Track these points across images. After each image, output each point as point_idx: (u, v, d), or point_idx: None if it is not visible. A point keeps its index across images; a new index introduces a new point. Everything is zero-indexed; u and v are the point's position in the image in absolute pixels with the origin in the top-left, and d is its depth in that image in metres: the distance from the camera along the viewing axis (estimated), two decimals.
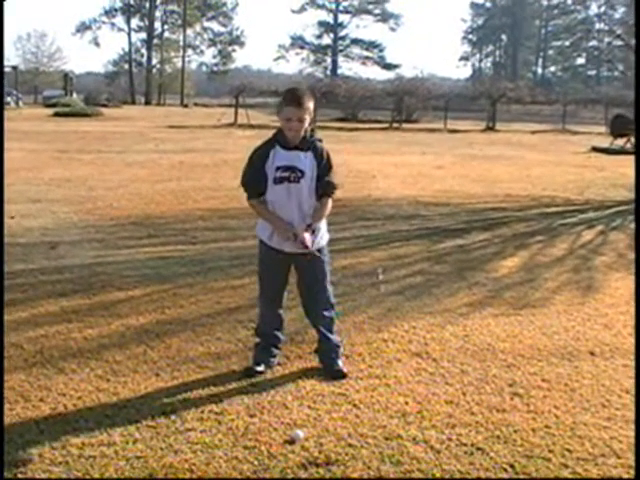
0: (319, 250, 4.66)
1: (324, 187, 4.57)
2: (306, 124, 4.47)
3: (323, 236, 4.72)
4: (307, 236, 4.48)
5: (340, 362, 4.81)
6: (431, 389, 4.57)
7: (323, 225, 4.72)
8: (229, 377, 4.69)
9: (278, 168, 4.49)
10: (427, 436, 3.93)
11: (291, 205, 4.53)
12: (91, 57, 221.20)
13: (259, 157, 4.53)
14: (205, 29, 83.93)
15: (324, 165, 4.55)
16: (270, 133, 4.64)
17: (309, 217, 4.54)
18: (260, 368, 4.71)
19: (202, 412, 4.17)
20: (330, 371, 4.72)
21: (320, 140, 4.62)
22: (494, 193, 13.61)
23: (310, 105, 4.47)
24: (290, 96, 4.46)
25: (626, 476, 3.58)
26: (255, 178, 4.55)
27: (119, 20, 79.04)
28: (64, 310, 5.98)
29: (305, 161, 4.50)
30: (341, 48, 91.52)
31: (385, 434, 3.95)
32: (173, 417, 4.10)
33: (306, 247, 4.48)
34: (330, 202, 4.64)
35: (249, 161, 4.61)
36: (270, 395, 4.43)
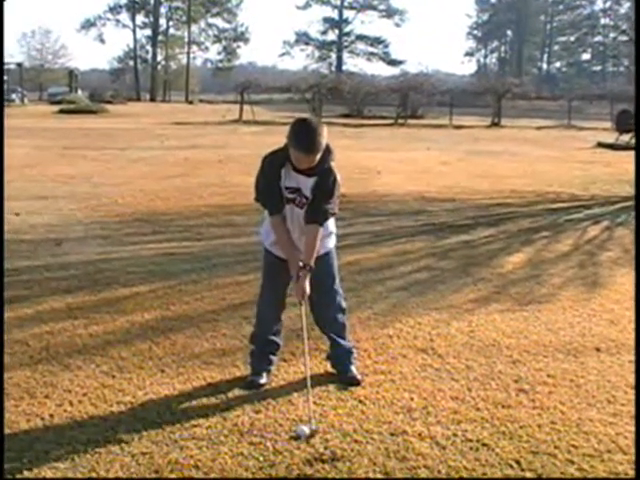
0: (326, 253, 4.57)
1: (317, 213, 4.30)
2: (317, 159, 4.18)
3: (331, 238, 4.61)
4: (307, 286, 4.35)
5: (354, 368, 4.67)
6: (437, 385, 4.57)
7: (332, 226, 4.59)
8: (234, 373, 4.69)
9: (287, 188, 4.30)
10: (433, 432, 3.93)
11: (294, 227, 4.41)
12: (96, 54, 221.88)
13: (273, 173, 4.28)
14: (210, 25, 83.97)
15: (325, 189, 4.28)
16: (275, 129, 4.60)
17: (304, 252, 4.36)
18: (263, 380, 4.55)
19: (207, 408, 4.18)
20: (344, 378, 4.61)
21: (332, 157, 4.29)
22: (499, 189, 13.59)
23: (322, 143, 4.13)
24: (300, 140, 4.10)
25: (632, 472, 3.57)
26: (273, 195, 4.32)
27: (124, 17, 79.19)
28: (69, 307, 5.99)
29: (307, 183, 4.27)
30: (346, 44, 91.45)
31: (391, 430, 3.95)
32: (178, 413, 4.10)
33: (301, 295, 4.36)
34: (321, 231, 4.34)
35: (262, 175, 4.35)
36: (275, 391, 4.44)
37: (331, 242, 4.62)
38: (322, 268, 4.49)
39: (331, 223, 4.56)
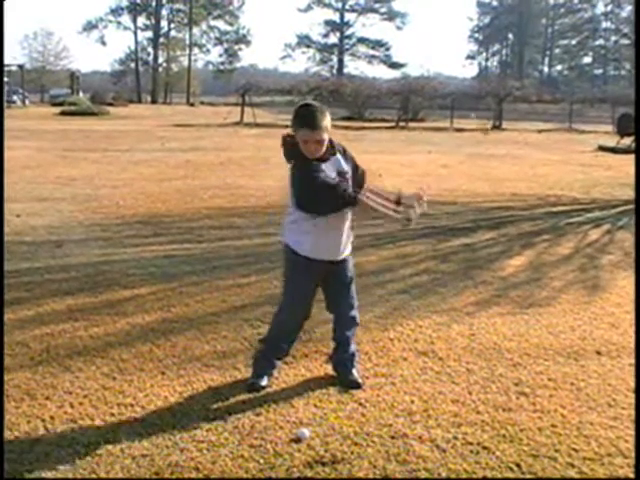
0: (345, 260, 4.58)
1: (361, 179, 4.61)
2: (326, 141, 4.26)
3: (348, 246, 4.60)
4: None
5: (355, 372, 4.65)
6: (437, 388, 4.57)
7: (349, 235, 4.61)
8: (235, 375, 4.68)
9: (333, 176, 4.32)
10: (433, 435, 3.93)
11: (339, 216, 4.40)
12: (97, 56, 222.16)
13: (320, 170, 4.24)
14: (211, 28, 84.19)
15: (352, 158, 4.55)
16: (276, 132, 4.60)
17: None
18: (264, 383, 4.52)
19: (208, 410, 4.17)
20: (345, 380, 4.59)
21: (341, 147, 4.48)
22: (500, 192, 13.59)
23: (326, 122, 4.22)
24: (304, 117, 4.22)
25: (632, 476, 3.57)
26: (336, 187, 4.24)
27: (125, 19, 79.47)
28: (70, 308, 5.99)
29: (342, 163, 4.40)
30: (347, 47, 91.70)
31: (391, 433, 3.94)
32: (179, 415, 4.10)
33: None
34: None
35: (314, 178, 4.20)
36: (276, 394, 4.43)
37: (347, 249, 4.62)
38: (346, 270, 4.57)
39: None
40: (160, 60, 79.84)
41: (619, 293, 6.85)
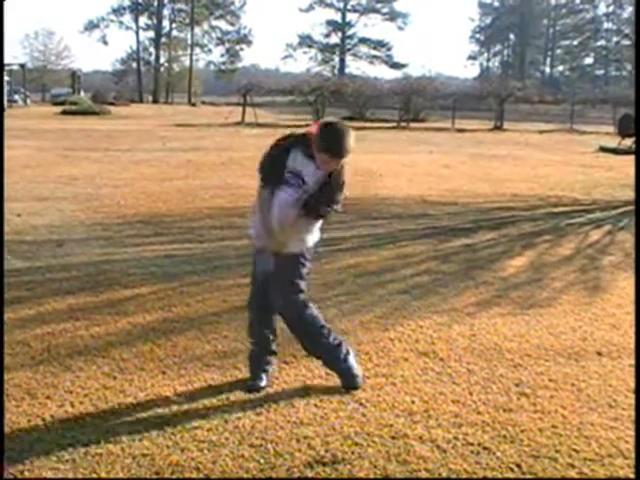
0: (294, 255, 4.44)
1: (312, 208, 4.29)
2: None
3: (303, 241, 4.45)
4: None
5: (357, 371, 4.59)
6: (438, 388, 4.57)
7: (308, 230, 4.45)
8: (236, 375, 4.69)
9: (289, 171, 4.26)
10: (434, 435, 3.93)
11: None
12: (99, 55, 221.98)
13: (281, 149, 4.30)
14: (213, 28, 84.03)
15: (331, 184, 4.26)
16: (277, 132, 4.59)
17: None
18: (263, 383, 4.51)
19: (208, 410, 4.18)
20: (345, 380, 4.55)
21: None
22: (501, 192, 13.59)
23: (352, 146, 4.17)
24: (339, 148, 4.13)
25: (633, 476, 3.57)
26: (273, 167, 4.29)
27: (127, 18, 79.29)
28: (71, 308, 5.99)
29: (315, 173, 4.23)
30: (349, 47, 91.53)
31: (391, 433, 3.94)
32: (179, 415, 4.10)
33: None
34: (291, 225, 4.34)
35: (270, 149, 4.38)
36: (276, 393, 4.43)
37: (299, 245, 4.47)
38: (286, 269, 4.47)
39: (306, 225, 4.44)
40: (162, 60, 79.76)
41: (620, 294, 6.85)
